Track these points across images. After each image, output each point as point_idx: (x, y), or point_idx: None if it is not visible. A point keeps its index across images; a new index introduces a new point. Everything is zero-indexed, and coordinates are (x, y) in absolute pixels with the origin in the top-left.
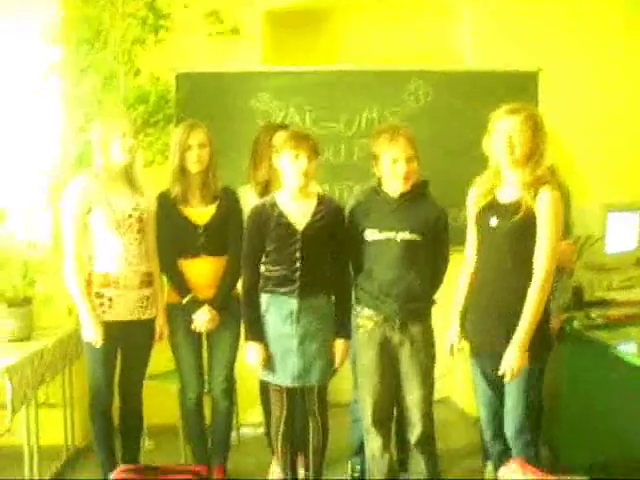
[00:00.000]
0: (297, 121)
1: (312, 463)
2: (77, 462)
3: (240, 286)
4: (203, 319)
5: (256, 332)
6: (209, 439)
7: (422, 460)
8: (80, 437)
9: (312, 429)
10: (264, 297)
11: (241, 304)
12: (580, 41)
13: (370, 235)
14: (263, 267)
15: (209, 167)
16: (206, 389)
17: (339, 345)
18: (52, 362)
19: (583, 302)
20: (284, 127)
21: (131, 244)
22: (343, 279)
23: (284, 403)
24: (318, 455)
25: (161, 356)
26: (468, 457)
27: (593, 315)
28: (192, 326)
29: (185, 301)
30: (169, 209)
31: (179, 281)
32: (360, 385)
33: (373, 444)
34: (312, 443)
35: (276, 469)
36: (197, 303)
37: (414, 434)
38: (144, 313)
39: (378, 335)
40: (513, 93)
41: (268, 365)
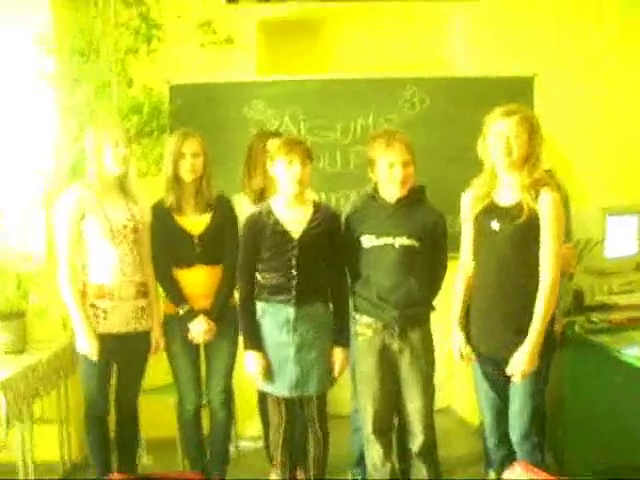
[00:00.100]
0: (292, 130)
1: (312, 474)
2: (73, 478)
3: (237, 295)
4: (200, 330)
5: (254, 341)
6: (207, 452)
7: (424, 469)
8: (76, 452)
9: (312, 440)
10: (259, 305)
11: (238, 313)
12: (575, 46)
13: (367, 241)
14: (259, 275)
15: (203, 176)
16: (204, 401)
17: (338, 354)
18: (47, 376)
19: (584, 306)
20: (277, 134)
21: (126, 254)
22: (340, 287)
23: (282, 413)
24: (318, 466)
25: (158, 370)
26: (469, 466)
27: (595, 319)
28: (189, 337)
29: (181, 312)
30: (164, 219)
31: (175, 291)
32: (360, 393)
33: (374, 453)
34: (312, 454)
35: None
36: (193, 313)
37: (416, 443)
38: (140, 324)
39: (377, 342)
40: (508, 99)
41: (267, 374)
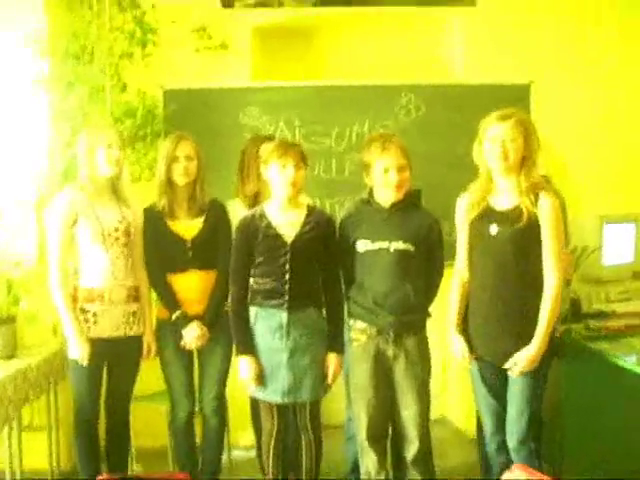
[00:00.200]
0: (287, 136)
1: None
2: None
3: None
4: (193, 335)
5: (247, 346)
6: (199, 461)
7: (419, 478)
8: (65, 461)
9: (305, 448)
10: (252, 310)
11: (230, 318)
12: (572, 53)
13: (362, 246)
14: (252, 280)
15: (197, 180)
16: (197, 408)
17: (331, 360)
18: (36, 381)
19: (581, 314)
20: (271, 138)
21: (117, 258)
22: (334, 292)
23: (274, 420)
24: (311, 475)
25: (150, 377)
26: (465, 476)
27: (592, 326)
28: (182, 343)
29: (174, 317)
30: (156, 223)
31: (168, 296)
32: (354, 401)
33: (368, 461)
34: (305, 462)
35: None
36: (187, 319)
37: (410, 451)
38: (131, 329)
39: (372, 348)
40: (505, 106)
41: (261, 380)
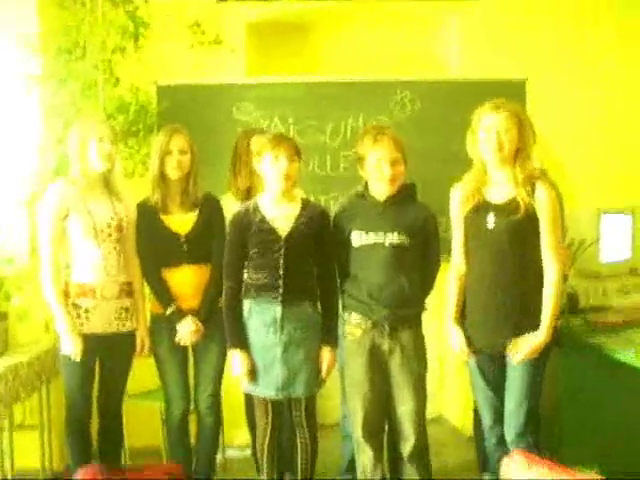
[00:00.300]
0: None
1: (300, 479)
2: None
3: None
4: (187, 330)
5: (239, 340)
6: (193, 460)
7: (416, 474)
8: (57, 460)
9: (300, 444)
10: (246, 304)
11: (223, 312)
12: (567, 49)
13: (357, 239)
14: (246, 274)
15: (190, 174)
16: (192, 406)
17: (325, 354)
18: (27, 379)
19: (578, 309)
20: (262, 132)
21: (110, 253)
22: (329, 285)
23: (269, 416)
24: (306, 470)
25: (144, 374)
26: (462, 475)
27: (590, 320)
28: (176, 338)
29: (169, 312)
30: (149, 218)
31: (162, 291)
32: (349, 396)
33: (364, 457)
34: (300, 460)
35: None
36: (181, 314)
37: (407, 447)
38: (123, 325)
39: (367, 342)
40: None
41: (254, 375)
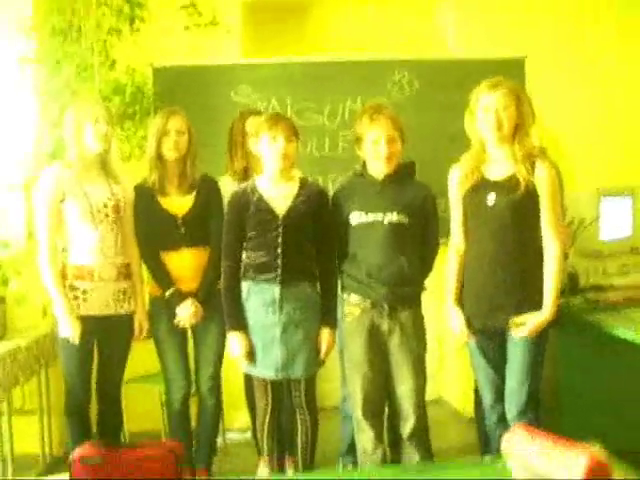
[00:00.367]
0: None
1: (300, 461)
2: (54, 472)
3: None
4: (186, 312)
5: (238, 321)
6: (194, 444)
7: (416, 454)
8: (57, 445)
9: (300, 425)
10: (245, 285)
11: (222, 293)
12: (567, 27)
13: (356, 218)
14: (245, 254)
15: (187, 155)
16: (192, 390)
17: (324, 334)
18: (26, 363)
19: (578, 288)
20: (258, 113)
21: (107, 234)
22: (328, 266)
23: (268, 397)
24: (307, 452)
25: (144, 358)
26: (463, 456)
27: (591, 298)
28: (175, 320)
29: (168, 294)
30: (146, 200)
31: (160, 273)
32: (349, 376)
33: (365, 438)
34: (300, 441)
35: (264, 471)
36: (180, 296)
37: (407, 426)
38: (121, 307)
39: (366, 322)
40: None
41: (252, 357)
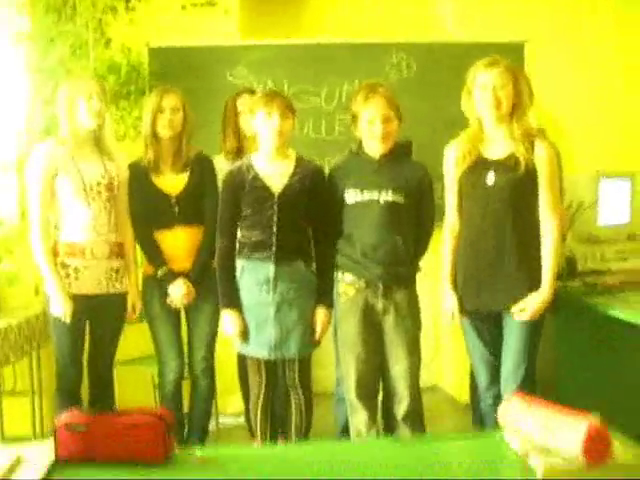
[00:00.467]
0: None
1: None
2: None
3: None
4: (179, 292)
5: (232, 300)
6: (186, 427)
7: (410, 435)
8: (49, 426)
9: (293, 407)
10: (239, 263)
11: (216, 271)
12: (566, 11)
13: (351, 197)
14: (239, 232)
15: (182, 134)
16: (185, 372)
17: (320, 314)
18: (17, 343)
19: (576, 272)
20: (251, 91)
21: (100, 212)
22: (325, 244)
23: (262, 377)
24: (301, 435)
25: (137, 340)
26: None
27: (589, 282)
28: (168, 300)
29: (160, 273)
30: (140, 178)
31: (153, 252)
32: (342, 357)
33: (358, 419)
34: (294, 422)
35: None
36: (173, 275)
37: (401, 407)
38: (113, 286)
39: (360, 302)
40: None
41: (246, 336)
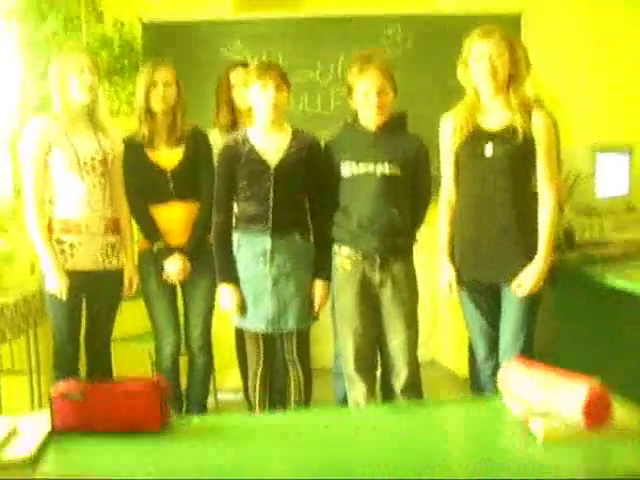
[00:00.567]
0: None
1: None
2: None
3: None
4: (174, 267)
5: (229, 274)
6: (184, 404)
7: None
8: (47, 405)
9: (292, 380)
10: (236, 236)
11: (213, 245)
12: None
13: (347, 169)
14: (236, 206)
15: (176, 108)
16: (182, 347)
17: (318, 287)
18: (13, 320)
19: (575, 244)
20: (244, 64)
21: (94, 187)
22: (322, 216)
23: (260, 351)
24: (299, 408)
25: (134, 316)
26: None
27: (588, 252)
28: (164, 275)
29: (155, 248)
30: (135, 153)
31: (148, 227)
32: (340, 330)
33: (357, 392)
34: (293, 396)
35: None
36: (169, 250)
37: (399, 380)
38: (110, 262)
39: (357, 274)
40: None
41: (244, 310)
